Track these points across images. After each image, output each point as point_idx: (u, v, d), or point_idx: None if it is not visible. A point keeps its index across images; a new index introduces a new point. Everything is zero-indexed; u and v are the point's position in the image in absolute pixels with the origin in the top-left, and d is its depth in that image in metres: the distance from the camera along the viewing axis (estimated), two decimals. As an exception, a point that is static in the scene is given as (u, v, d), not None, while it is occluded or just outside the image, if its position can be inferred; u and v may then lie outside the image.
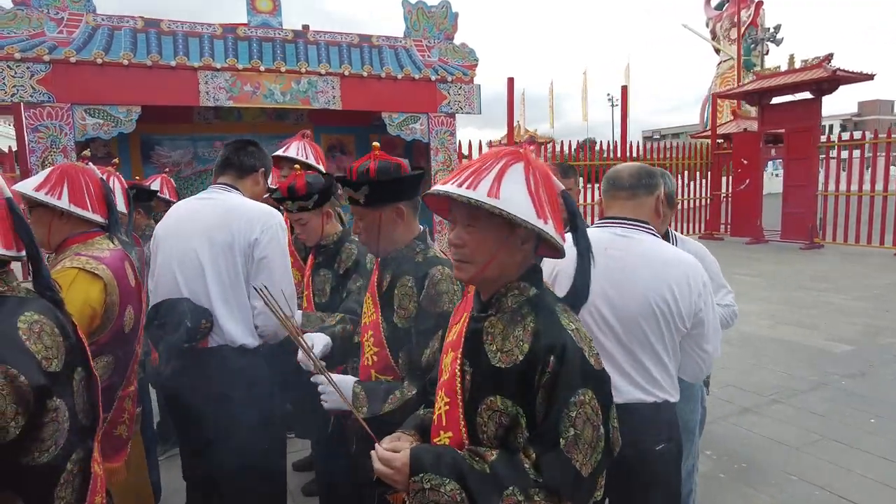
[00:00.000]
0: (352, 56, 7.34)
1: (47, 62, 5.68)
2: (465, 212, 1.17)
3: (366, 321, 1.91)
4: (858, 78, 11.53)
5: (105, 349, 1.87)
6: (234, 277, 2.05)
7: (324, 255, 2.52)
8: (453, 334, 1.33)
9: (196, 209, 2.17)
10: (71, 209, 1.90)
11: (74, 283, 1.78)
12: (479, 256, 1.18)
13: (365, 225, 1.82)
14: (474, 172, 1.14)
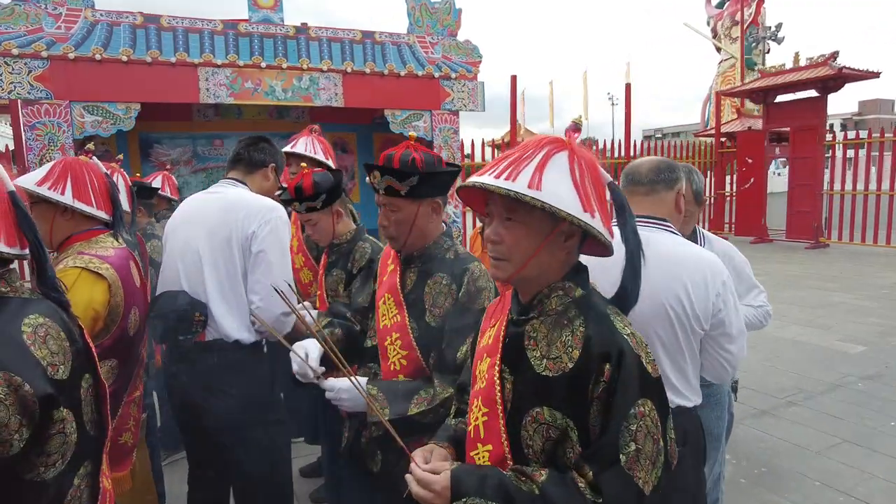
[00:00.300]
0: (354, 52, 7.23)
1: (45, 58, 5.57)
2: (504, 205, 1.08)
3: (387, 323, 1.80)
4: (864, 75, 11.43)
5: (109, 353, 1.77)
6: (232, 271, 2.03)
7: (337, 255, 2.42)
8: (488, 338, 1.23)
9: (202, 203, 2.20)
10: (75, 205, 1.81)
11: (77, 284, 1.69)
12: (519, 254, 1.08)
13: (399, 218, 1.71)
14: (513, 162, 1.04)
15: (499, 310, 1.27)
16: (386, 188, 1.67)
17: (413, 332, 1.72)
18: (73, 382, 1.13)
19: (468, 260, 1.75)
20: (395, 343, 1.75)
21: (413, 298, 1.75)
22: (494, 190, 1.02)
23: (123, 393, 1.86)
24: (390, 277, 1.84)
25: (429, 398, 1.62)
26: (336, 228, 2.38)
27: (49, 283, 1.20)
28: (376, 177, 1.67)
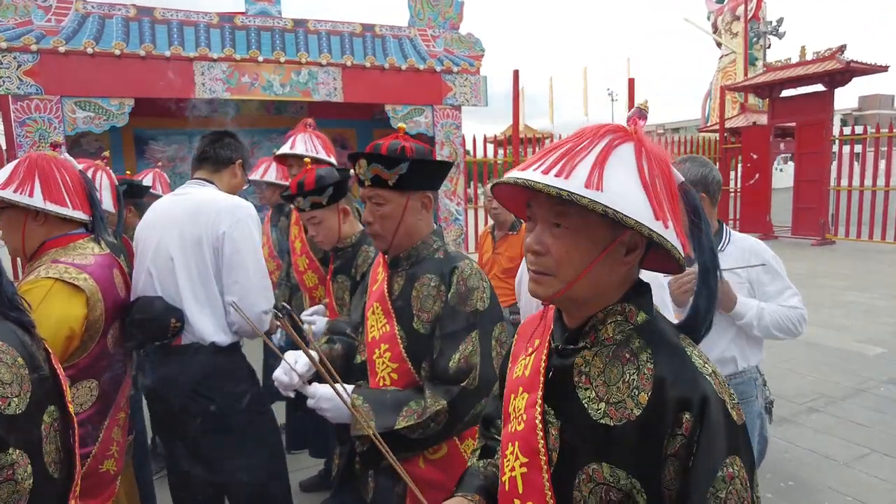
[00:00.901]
0: (354, 46, 7.03)
1: (35, 52, 5.37)
2: (552, 208, 0.87)
3: (374, 335, 1.62)
4: (872, 69, 11.25)
5: (87, 373, 1.58)
6: (204, 273, 2.00)
7: (341, 260, 2.23)
8: (523, 367, 1.03)
9: (171, 205, 2.10)
10: (46, 207, 1.60)
11: (50, 297, 1.49)
12: (568, 268, 0.87)
13: (386, 212, 1.54)
14: (566, 154, 0.84)
15: (538, 332, 1.05)
16: (373, 178, 1.51)
17: (402, 341, 1.55)
18: (30, 417, 0.95)
19: (457, 258, 1.59)
20: (384, 356, 1.58)
21: (401, 304, 1.58)
22: (542, 189, 0.81)
23: (105, 416, 1.67)
24: (380, 286, 1.67)
25: (419, 411, 1.44)
26: (342, 229, 2.18)
27: (7, 301, 1.02)
28: (362, 166, 1.52)
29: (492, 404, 1.23)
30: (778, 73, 12.35)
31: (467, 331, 1.47)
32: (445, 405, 1.44)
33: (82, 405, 1.58)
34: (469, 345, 1.46)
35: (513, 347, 1.14)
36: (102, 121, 5.71)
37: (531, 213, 0.92)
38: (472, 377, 1.45)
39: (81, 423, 1.59)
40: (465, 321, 1.47)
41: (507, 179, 0.88)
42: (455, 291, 1.50)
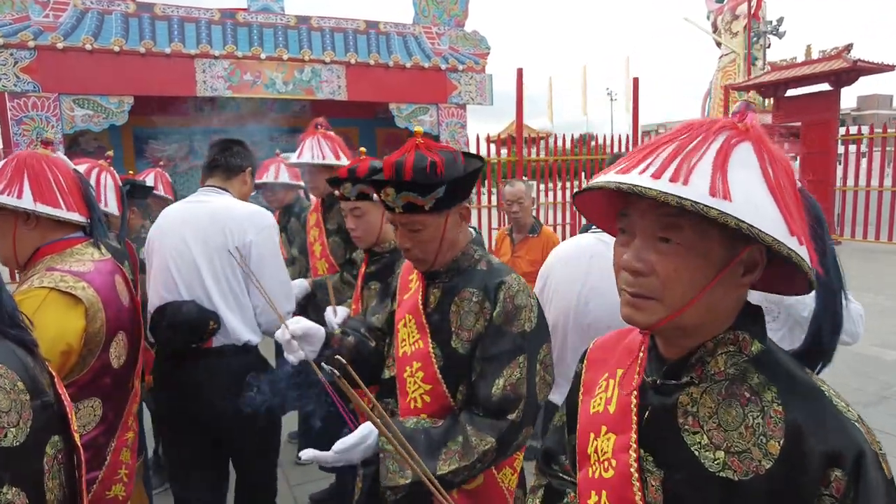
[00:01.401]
0: (358, 43, 6.92)
1: (32, 48, 5.25)
2: (659, 219, 0.72)
3: (406, 350, 1.48)
4: (879, 68, 11.15)
5: (87, 391, 1.44)
6: (233, 277, 2.09)
7: (377, 265, 2.07)
8: (604, 403, 0.89)
9: (189, 212, 2.18)
10: (37, 209, 1.45)
11: (44, 309, 1.34)
12: (677, 292, 0.73)
13: (425, 237, 1.38)
14: (676, 154, 0.70)
15: (618, 359, 0.92)
16: (405, 205, 1.34)
17: (437, 360, 1.41)
18: (31, 449, 0.83)
19: (503, 271, 1.43)
20: (416, 375, 1.43)
21: (437, 319, 1.43)
22: (657, 197, 0.67)
23: (112, 437, 1.53)
24: (414, 294, 1.51)
25: (459, 451, 1.29)
26: (383, 229, 2.03)
27: (7, 317, 0.90)
28: (390, 194, 1.33)
29: (553, 437, 1.08)
30: (783, 73, 12.24)
31: (513, 354, 1.32)
32: (494, 444, 1.28)
33: (85, 426, 1.45)
34: (515, 370, 1.32)
35: (583, 374, 0.99)
36: (101, 119, 5.59)
37: (626, 225, 0.78)
38: (519, 409, 1.31)
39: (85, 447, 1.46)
40: (512, 343, 1.32)
41: (606, 184, 0.73)
42: (501, 310, 1.35)
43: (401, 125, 7.17)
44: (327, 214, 2.86)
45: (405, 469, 1.26)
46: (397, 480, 1.23)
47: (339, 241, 2.80)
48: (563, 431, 1.03)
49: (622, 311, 0.78)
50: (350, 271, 2.70)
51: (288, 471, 3.32)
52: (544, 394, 1.36)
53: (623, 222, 0.78)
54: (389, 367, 1.56)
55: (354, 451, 1.30)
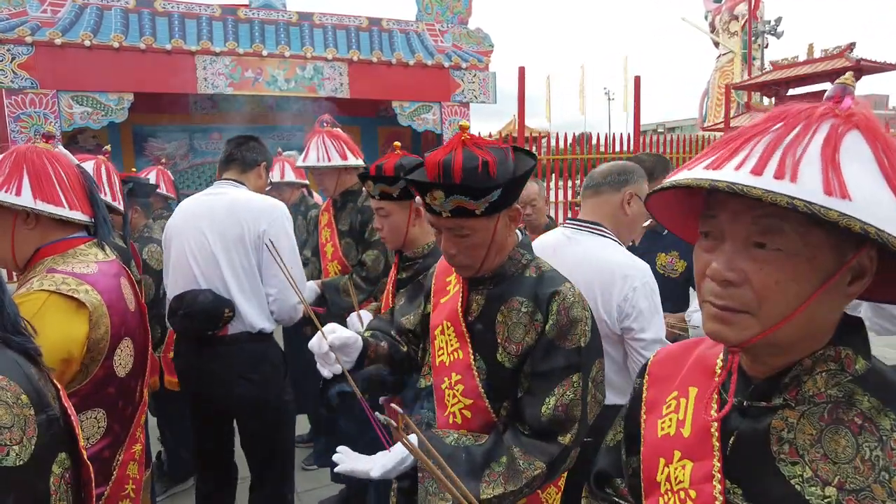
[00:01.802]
0: (360, 40, 6.83)
1: (30, 44, 5.16)
2: (755, 221, 0.64)
3: (444, 360, 1.37)
4: (882, 67, 11.11)
5: (89, 401, 1.35)
6: (248, 267, 2.18)
7: (409, 272, 1.95)
8: (676, 425, 0.80)
9: (207, 204, 2.25)
10: (37, 207, 1.35)
11: (43, 313, 1.25)
12: (776, 305, 0.64)
13: (474, 242, 1.26)
14: (776, 147, 0.61)
15: (690, 375, 0.82)
16: (454, 210, 1.21)
17: (480, 374, 1.30)
18: (35, 469, 0.75)
19: (556, 279, 1.31)
20: (456, 388, 1.33)
21: (480, 329, 1.33)
22: (762, 197, 0.58)
23: (118, 450, 1.44)
24: (453, 298, 1.39)
25: (505, 473, 1.18)
26: (409, 232, 1.91)
27: (8, 324, 0.82)
28: (437, 198, 1.20)
29: (606, 457, 0.99)
30: (785, 72, 12.20)
31: (567, 372, 1.22)
32: (545, 469, 1.18)
33: (89, 439, 1.36)
34: (568, 390, 1.21)
35: (645, 391, 0.89)
36: (100, 116, 5.50)
37: (710, 228, 0.69)
38: (572, 433, 1.21)
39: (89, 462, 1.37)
40: (566, 360, 1.22)
41: (697, 182, 0.63)
42: (555, 323, 1.24)
43: (403, 123, 7.08)
44: (339, 214, 2.78)
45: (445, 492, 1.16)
46: (437, 503, 1.14)
47: (351, 243, 2.72)
48: (619, 452, 0.95)
49: (706, 326, 0.69)
50: (360, 273, 2.61)
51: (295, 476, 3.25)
52: (594, 413, 1.26)
53: (707, 225, 0.69)
54: (425, 376, 1.46)
55: (394, 472, 1.21)
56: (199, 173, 7.31)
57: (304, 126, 8.03)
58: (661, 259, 2.30)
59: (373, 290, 2.61)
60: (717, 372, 0.78)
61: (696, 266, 0.70)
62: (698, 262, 0.70)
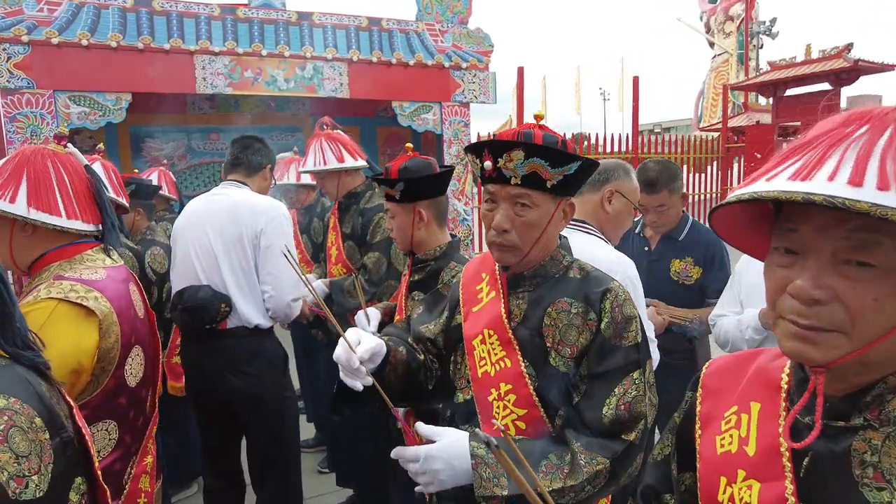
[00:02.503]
0: (360, 40, 6.78)
1: (26, 43, 5.08)
2: (848, 236, 0.60)
3: (488, 370, 1.30)
4: (880, 68, 11.15)
5: (100, 412, 1.30)
6: (246, 265, 2.27)
7: (420, 274, 1.91)
8: (738, 442, 0.75)
9: (209, 204, 2.35)
10: (30, 216, 1.29)
11: (51, 323, 1.20)
12: (870, 324, 0.60)
13: (532, 219, 1.22)
14: (870, 153, 0.56)
15: (748, 388, 0.78)
16: (526, 176, 1.17)
17: (532, 381, 1.24)
18: (54, 499, 0.71)
19: (603, 279, 1.28)
20: (507, 398, 1.26)
21: (526, 335, 1.27)
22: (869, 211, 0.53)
23: (130, 463, 1.40)
24: (491, 306, 1.33)
25: (564, 468, 1.12)
26: (415, 235, 1.89)
27: (18, 338, 0.77)
28: (516, 158, 1.15)
29: (654, 472, 0.95)
30: (783, 72, 12.22)
31: (626, 370, 1.18)
32: (608, 465, 1.13)
33: (99, 452, 1.31)
34: (630, 387, 1.18)
35: (698, 405, 0.85)
36: (98, 116, 5.42)
37: (789, 243, 0.64)
38: (638, 430, 1.16)
39: (101, 475, 1.32)
40: (624, 357, 1.18)
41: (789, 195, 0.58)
42: (610, 320, 1.20)
43: (403, 124, 7.04)
44: (343, 217, 2.77)
45: (500, 477, 1.10)
46: (493, 490, 1.08)
47: (354, 246, 2.70)
48: (667, 466, 0.91)
49: (785, 345, 0.65)
50: (363, 275, 2.59)
51: (302, 482, 3.21)
52: (653, 416, 1.22)
53: (785, 239, 0.64)
54: (463, 390, 1.38)
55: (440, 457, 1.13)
56: (197, 174, 7.24)
57: (303, 126, 7.97)
58: (675, 265, 2.26)
59: (376, 292, 2.59)
60: (783, 387, 0.74)
61: (769, 282, 0.66)
62: (773, 278, 0.66)
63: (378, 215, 2.59)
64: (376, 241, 2.58)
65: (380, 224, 2.59)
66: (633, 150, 12.47)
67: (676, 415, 0.92)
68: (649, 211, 2.26)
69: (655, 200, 2.23)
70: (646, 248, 2.36)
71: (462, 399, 1.39)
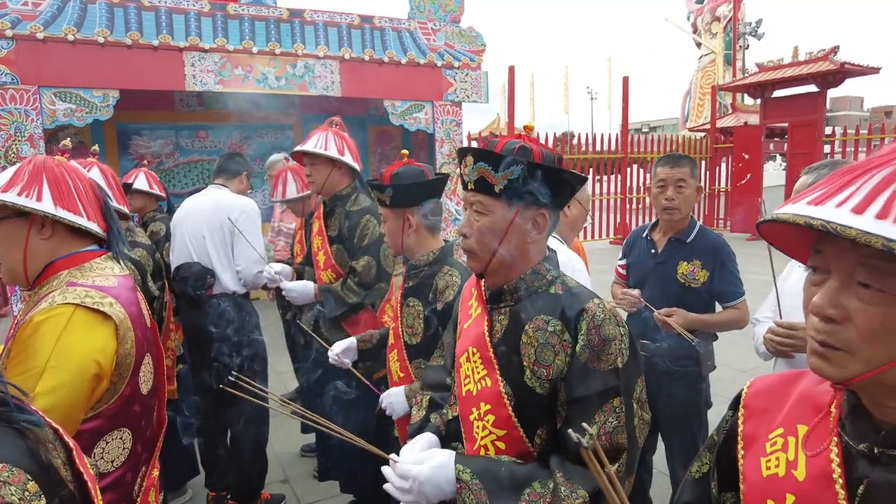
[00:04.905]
0: (352, 38, 6.72)
1: (10, 38, 4.96)
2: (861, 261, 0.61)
3: (470, 388, 1.28)
4: (865, 71, 11.27)
5: (115, 422, 1.26)
6: (224, 247, 2.98)
7: (414, 280, 1.90)
8: (784, 466, 0.74)
9: (199, 201, 3.09)
10: (58, 214, 1.29)
11: (71, 327, 1.17)
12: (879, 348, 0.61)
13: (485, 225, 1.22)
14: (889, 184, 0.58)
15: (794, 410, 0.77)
16: (477, 181, 1.21)
17: (509, 400, 1.21)
18: None
19: (583, 296, 1.22)
20: (486, 418, 1.24)
21: (505, 351, 1.24)
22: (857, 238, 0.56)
23: (139, 474, 1.35)
24: (476, 322, 1.32)
25: (546, 496, 1.11)
26: (405, 241, 1.90)
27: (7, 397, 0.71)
28: (468, 163, 1.22)
29: (692, 490, 0.92)
30: (771, 74, 12.32)
31: (605, 397, 1.14)
32: (587, 496, 1.10)
33: (113, 462, 1.27)
34: (610, 416, 1.13)
35: (741, 424, 0.83)
36: (84, 113, 5.31)
37: (817, 262, 0.66)
38: (620, 462, 1.13)
39: (111, 487, 1.27)
40: (602, 383, 1.14)
41: (794, 219, 0.61)
42: (585, 343, 1.15)
43: (395, 123, 6.99)
44: (328, 221, 2.69)
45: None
46: None
47: (341, 249, 2.63)
48: (706, 484, 0.89)
49: (809, 360, 0.67)
50: (353, 279, 2.55)
51: (299, 487, 3.16)
52: (644, 434, 1.19)
53: (816, 259, 0.66)
54: (452, 407, 1.37)
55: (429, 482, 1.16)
56: (185, 171, 7.14)
57: (294, 124, 7.89)
58: (682, 267, 2.25)
59: (367, 295, 2.55)
60: (832, 411, 0.72)
61: (805, 298, 0.68)
62: (805, 295, 0.68)
63: (364, 217, 2.55)
64: (364, 245, 2.54)
65: (367, 227, 2.54)
66: (621, 149, 12.53)
67: (715, 433, 0.90)
68: (668, 187, 2.24)
69: (678, 174, 2.25)
70: (653, 250, 2.35)
71: (451, 416, 1.38)
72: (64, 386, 1.15)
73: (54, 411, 1.09)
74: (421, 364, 1.83)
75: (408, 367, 1.88)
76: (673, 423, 2.31)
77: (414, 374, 1.87)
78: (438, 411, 1.48)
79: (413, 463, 1.19)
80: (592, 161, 12.83)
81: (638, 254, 2.43)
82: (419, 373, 1.83)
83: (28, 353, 1.16)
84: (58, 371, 1.15)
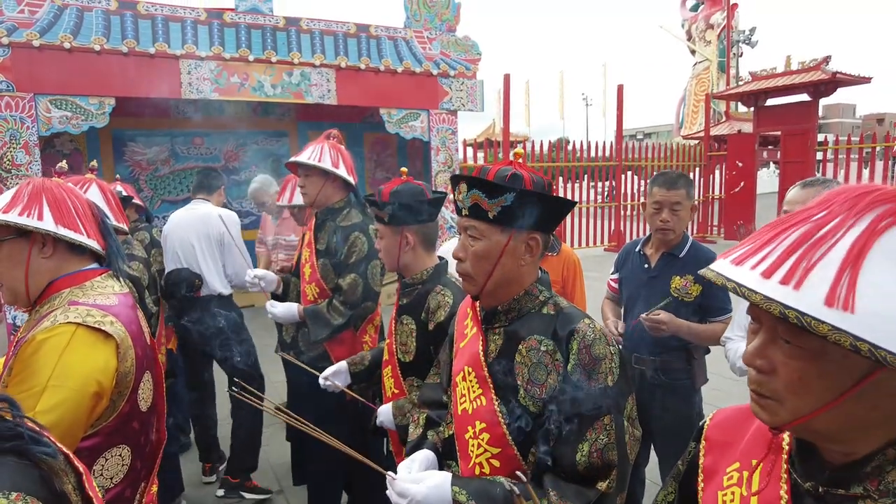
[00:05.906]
0: (348, 47, 6.75)
1: (6, 45, 4.98)
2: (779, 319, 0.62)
3: (466, 407, 1.31)
4: (857, 80, 11.37)
5: (114, 439, 1.28)
6: (212, 254, 3.33)
7: (408, 298, 1.91)
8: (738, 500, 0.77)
9: (189, 213, 3.42)
10: (60, 232, 1.31)
11: (73, 346, 1.19)
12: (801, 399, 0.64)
13: (480, 249, 1.26)
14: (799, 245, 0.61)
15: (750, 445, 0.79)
16: (471, 207, 1.25)
17: (504, 419, 1.24)
18: None
19: (574, 316, 1.26)
20: (481, 437, 1.26)
21: (499, 371, 1.28)
22: (758, 303, 0.60)
23: (138, 490, 1.36)
24: (472, 342, 1.35)
25: None
26: (401, 258, 1.89)
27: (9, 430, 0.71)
28: (462, 191, 1.26)
29: None
30: (764, 83, 12.41)
31: (596, 415, 1.16)
32: None
33: (112, 479, 1.29)
34: (601, 434, 1.16)
35: (701, 457, 0.86)
36: (80, 121, 5.32)
37: (753, 312, 0.68)
38: (610, 479, 1.16)
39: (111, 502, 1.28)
40: (593, 403, 1.17)
41: (716, 278, 0.65)
42: (576, 363, 1.18)
43: (391, 131, 7.01)
44: (318, 234, 2.63)
45: None
46: None
47: (328, 263, 2.57)
48: None
49: (751, 405, 0.71)
50: (338, 297, 2.48)
51: (294, 500, 3.16)
52: (635, 451, 1.21)
53: (751, 309, 0.67)
54: (448, 425, 1.40)
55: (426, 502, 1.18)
56: (180, 179, 7.14)
57: (289, 132, 7.91)
58: (675, 282, 2.27)
59: (352, 315, 2.50)
60: (784, 447, 0.75)
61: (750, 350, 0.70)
62: (746, 344, 0.70)
63: (354, 234, 2.49)
64: (352, 262, 2.47)
65: (356, 243, 2.48)
66: (616, 157, 12.58)
67: (680, 463, 0.93)
68: (664, 209, 2.26)
69: (674, 196, 2.25)
70: (646, 265, 2.36)
71: (447, 434, 1.40)
72: (64, 404, 1.16)
73: (54, 429, 1.10)
74: (413, 382, 1.84)
75: (402, 383, 1.89)
76: (666, 435, 2.32)
77: (407, 390, 1.87)
78: (435, 429, 1.50)
79: (410, 482, 1.21)
80: (587, 168, 12.88)
81: (631, 268, 2.45)
82: (412, 390, 1.84)
83: (30, 371, 1.18)
84: (59, 389, 1.16)
